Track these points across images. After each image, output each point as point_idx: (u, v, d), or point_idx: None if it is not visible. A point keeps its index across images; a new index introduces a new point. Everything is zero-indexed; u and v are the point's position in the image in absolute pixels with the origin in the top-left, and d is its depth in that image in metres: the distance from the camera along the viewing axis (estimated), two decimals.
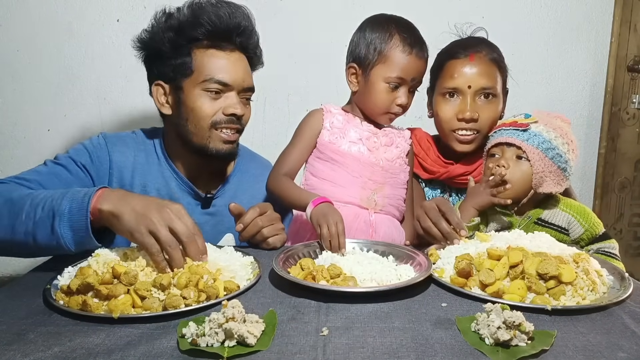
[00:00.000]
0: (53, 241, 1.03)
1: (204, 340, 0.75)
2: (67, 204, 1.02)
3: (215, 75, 1.30)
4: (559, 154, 1.29)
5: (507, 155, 1.31)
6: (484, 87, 1.43)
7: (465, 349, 0.75)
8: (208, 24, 1.29)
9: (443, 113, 1.47)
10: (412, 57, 1.34)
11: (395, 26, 1.36)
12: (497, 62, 1.46)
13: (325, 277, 0.96)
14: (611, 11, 2.33)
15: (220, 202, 1.44)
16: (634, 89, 2.50)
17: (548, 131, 1.30)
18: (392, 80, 1.34)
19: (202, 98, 1.31)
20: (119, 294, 0.87)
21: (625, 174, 2.60)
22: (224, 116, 1.32)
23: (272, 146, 1.49)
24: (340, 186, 1.36)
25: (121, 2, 2.18)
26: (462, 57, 1.44)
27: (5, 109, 2.26)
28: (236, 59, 1.34)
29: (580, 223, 1.32)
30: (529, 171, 1.29)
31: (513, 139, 1.30)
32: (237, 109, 1.32)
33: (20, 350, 0.74)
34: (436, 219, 1.19)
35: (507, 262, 0.97)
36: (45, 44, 2.21)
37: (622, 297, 0.92)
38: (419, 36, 1.37)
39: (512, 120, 1.35)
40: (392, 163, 1.42)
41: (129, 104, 2.24)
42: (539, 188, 1.30)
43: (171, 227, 0.96)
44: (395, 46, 1.34)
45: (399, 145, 1.45)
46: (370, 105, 1.40)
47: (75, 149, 1.36)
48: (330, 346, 0.76)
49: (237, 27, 1.32)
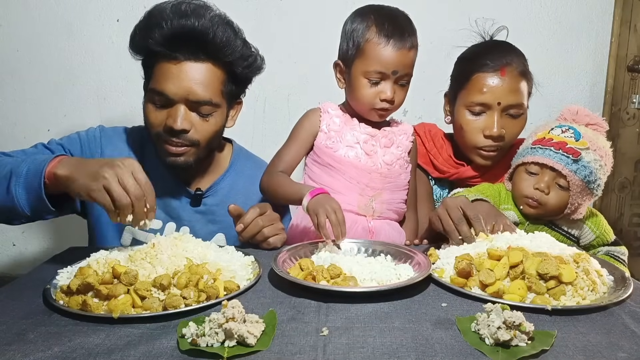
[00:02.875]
0: (8, 202, 1.06)
1: (204, 340, 0.75)
2: (26, 166, 1.06)
3: (157, 86, 1.25)
4: (599, 185, 1.24)
5: (547, 178, 1.24)
6: (514, 104, 1.38)
7: (465, 349, 0.75)
8: (153, 35, 1.23)
9: (468, 127, 1.42)
10: (388, 49, 1.25)
11: (374, 16, 1.28)
12: (526, 75, 1.41)
13: (325, 277, 0.96)
14: (611, 11, 2.33)
15: (211, 201, 1.43)
16: (634, 89, 2.50)
17: (596, 160, 1.22)
18: (371, 75, 1.28)
19: (149, 107, 1.29)
20: (119, 294, 0.87)
21: (625, 174, 2.59)
22: (165, 128, 1.27)
23: (272, 146, 1.48)
24: (338, 192, 1.31)
25: (121, 2, 2.18)
26: (491, 71, 1.38)
27: (5, 109, 2.27)
28: (185, 70, 1.24)
29: (592, 229, 1.30)
30: (566, 199, 1.24)
31: (561, 166, 1.21)
32: (176, 123, 1.24)
33: (20, 350, 0.74)
34: (458, 220, 1.14)
35: (507, 262, 0.97)
36: (45, 44, 2.21)
37: (622, 297, 0.92)
38: (400, 25, 1.28)
39: (561, 139, 1.24)
40: (392, 166, 1.37)
41: (129, 104, 2.24)
42: (572, 215, 1.26)
43: (122, 184, 0.98)
44: (370, 38, 1.27)
45: (400, 145, 1.40)
46: (356, 103, 1.35)
47: (70, 137, 1.39)
48: (330, 346, 0.76)
49: (187, 34, 1.22)
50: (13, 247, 2.42)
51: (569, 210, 1.25)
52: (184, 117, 1.25)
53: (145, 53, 1.29)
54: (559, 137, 1.25)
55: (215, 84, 1.28)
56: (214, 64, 1.27)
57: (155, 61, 1.27)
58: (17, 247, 2.41)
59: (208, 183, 1.44)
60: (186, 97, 1.25)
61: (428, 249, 1.16)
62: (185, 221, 1.40)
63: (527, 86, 1.42)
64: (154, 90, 1.26)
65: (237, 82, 1.36)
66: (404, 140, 1.42)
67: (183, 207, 1.40)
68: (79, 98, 2.26)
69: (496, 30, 1.51)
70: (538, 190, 1.24)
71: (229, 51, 1.28)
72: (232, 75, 1.32)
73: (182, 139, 1.27)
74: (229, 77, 1.32)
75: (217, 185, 1.44)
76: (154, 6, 1.27)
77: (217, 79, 1.29)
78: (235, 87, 1.36)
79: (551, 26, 2.31)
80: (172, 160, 1.31)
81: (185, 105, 1.26)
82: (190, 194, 1.41)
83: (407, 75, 1.31)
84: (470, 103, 1.41)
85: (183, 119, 1.25)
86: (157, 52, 1.25)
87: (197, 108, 1.27)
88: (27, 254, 2.40)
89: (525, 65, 1.42)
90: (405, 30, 1.28)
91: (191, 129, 1.27)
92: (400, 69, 1.28)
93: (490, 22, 1.51)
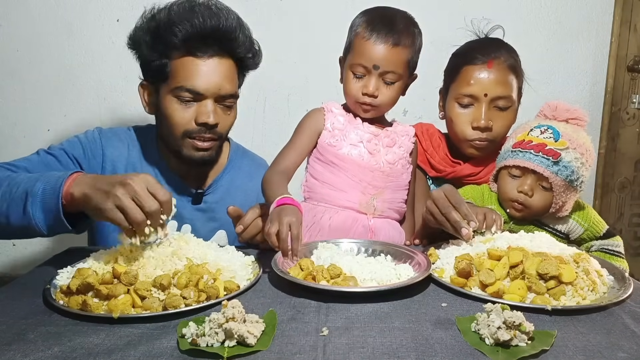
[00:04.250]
0: (25, 222, 1.04)
1: (204, 340, 0.75)
2: (41, 185, 1.03)
3: (186, 83, 1.26)
4: (583, 181, 1.26)
5: (529, 182, 1.25)
6: (501, 96, 1.40)
7: (465, 349, 0.75)
8: (180, 31, 1.25)
9: (457, 119, 1.44)
10: (370, 42, 1.26)
11: (372, 14, 1.31)
12: (515, 69, 1.43)
13: (325, 277, 0.96)
14: (611, 11, 2.33)
15: (211, 198, 1.44)
16: (634, 89, 2.50)
17: (577, 158, 1.24)
18: (355, 68, 1.29)
19: (174, 105, 1.29)
20: (119, 294, 0.87)
21: (625, 174, 2.59)
22: (196, 125, 1.29)
23: (272, 146, 1.48)
24: (340, 190, 1.33)
25: (121, 2, 2.18)
26: (479, 63, 1.41)
27: (5, 109, 2.26)
28: (213, 66, 1.29)
29: (579, 223, 1.31)
30: (550, 200, 1.26)
31: (542, 169, 1.23)
32: (210, 118, 1.28)
33: (20, 350, 0.74)
34: (446, 209, 1.14)
35: (507, 262, 0.97)
36: (45, 44, 2.21)
37: (622, 297, 0.92)
38: (390, 22, 1.28)
39: (540, 141, 1.25)
40: (394, 165, 1.37)
41: (129, 104, 2.24)
42: (558, 213, 1.28)
43: (135, 200, 0.95)
44: (357, 32, 1.30)
45: (402, 145, 1.40)
46: (345, 97, 1.36)
47: (70, 141, 1.37)
48: (330, 346, 0.76)
49: (215, 33, 1.27)
50: (13, 247, 2.41)
51: (554, 209, 1.27)
52: (214, 112, 1.30)
53: (163, 51, 1.28)
54: (538, 139, 1.26)
55: (235, 78, 1.36)
56: (233, 59, 1.34)
57: (172, 59, 1.27)
58: (17, 247, 2.41)
59: (208, 181, 1.45)
60: (218, 92, 1.29)
61: (428, 249, 1.16)
62: (186, 219, 1.40)
63: (517, 80, 1.44)
64: (182, 87, 1.27)
65: (243, 74, 1.42)
66: (406, 141, 1.42)
67: (184, 205, 1.40)
68: (79, 98, 2.26)
69: (491, 29, 1.53)
70: (522, 193, 1.26)
71: (247, 49, 1.35)
72: (242, 69, 1.39)
73: (212, 134, 1.31)
74: (240, 70, 1.39)
75: (216, 183, 1.45)
76: (171, 3, 1.30)
77: (235, 73, 1.36)
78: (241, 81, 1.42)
79: (551, 26, 2.31)
80: (201, 155, 1.33)
81: (212, 100, 1.29)
82: (191, 192, 1.41)
83: (393, 73, 1.29)
84: (458, 95, 1.43)
85: (215, 114, 1.30)
86: (180, 49, 1.26)
87: (223, 101, 1.32)
88: (27, 254, 2.40)
89: (516, 60, 1.44)
90: (395, 27, 1.27)
91: (220, 122, 1.32)
92: (383, 65, 1.27)
93: (485, 22, 1.53)
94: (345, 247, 1.17)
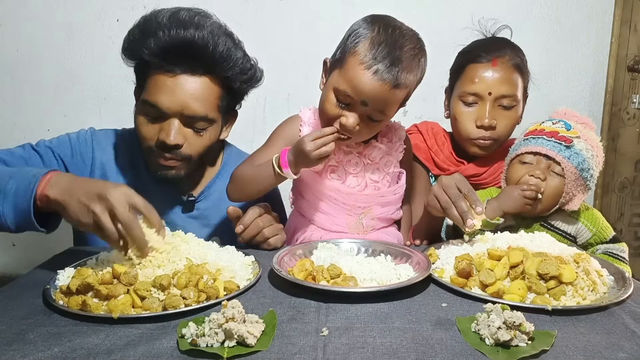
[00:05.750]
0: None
1: (203, 341, 0.75)
2: (14, 184, 1.00)
3: (150, 98, 1.20)
4: (592, 175, 1.25)
5: (542, 166, 1.23)
6: (505, 95, 1.39)
7: (465, 349, 0.75)
8: (148, 46, 1.18)
9: (461, 118, 1.44)
10: (367, 75, 1.08)
11: (378, 30, 1.10)
12: (520, 68, 1.42)
13: (325, 277, 0.96)
14: (611, 11, 2.34)
15: (204, 205, 1.40)
16: (634, 89, 2.50)
17: (587, 149, 1.23)
18: (339, 94, 1.12)
19: (141, 119, 1.24)
20: (118, 294, 0.87)
21: (625, 174, 2.60)
22: (157, 142, 1.22)
23: None
24: (327, 213, 1.26)
25: (121, 2, 2.18)
26: (484, 62, 1.40)
27: (5, 109, 2.27)
28: (180, 83, 1.19)
29: (588, 227, 1.30)
30: (561, 187, 1.23)
31: (554, 153, 1.21)
32: (169, 138, 1.20)
33: (20, 350, 0.74)
34: (455, 197, 1.11)
35: (507, 262, 0.96)
36: (45, 44, 2.21)
37: (622, 297, 0.92)
38: (396, 54, 1.08)
39: (553, 129, 1.25)
40: (380, 183, 1.28)
41: (129, 104, 2.22)
42: (566, 205, 1.26)
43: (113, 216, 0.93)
44: (356, 52, 1.10)
45: (391, 154, 1.30)
46: (319, 111, 1.21)
47: (59, 139, 1.34)
48: (330, 346, 0.75)
49: (184, 47, 1.17)
50: (13, 247, 2.42)
51: (564, 199, 1.24)
52: (177, 132, 1.21)
53: (139, 61, 1.25)
54: (551, 127, 1.26)
55: (212, 99, 1.23)
56: (211, 78, 1.22)
57: (148, 71, 1.22)
58: (17, 247, 2.41)
59: (200, 187, 1.41)
60: (181, 111, 1.20)
61: (428, 248, 1.16)
62: (179, 227, 1.36)
63: (522, 79, 1.43)
64: (147, 102, 1.21)
65: (234, 95, 1.32)
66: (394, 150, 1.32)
67: (176, 213, 1.38)
68: (79, 98, 2.26)
69: (498, 29, 1.53)
70: (533, 177, 1.23)
71: (228, 66, 1.23)
72: (229, 89, 1.28)
73: (174, 154, 1.23)
74: (226, 91, 1.27)
75: (208, 189, 1.41)
76: (150, 12, 1.22)
77: (214, 93, 1.24)
78: (231, 101, 1.32)
79: (551, 26, 2.31)
80: (163, 174, 1.27)
81: (179, 120, 1.21)
82: (183, 200, 1.38)
83: (380, 113, 1.14)
84: (462, 93, 1.43)
85: (177, 134, 1.21)
86: (152, 63, 1.20)
87: (192, 123, 1.23)
88: (27, 254, 2.40)
89: (521, 59, 1.44)
90: (400, 63, 1.09)
91: (184, 143, 1.23)
92: (372, 103, 1.11)
93: (492, 22, 1.52)
94: (345, 247, 1.16)
